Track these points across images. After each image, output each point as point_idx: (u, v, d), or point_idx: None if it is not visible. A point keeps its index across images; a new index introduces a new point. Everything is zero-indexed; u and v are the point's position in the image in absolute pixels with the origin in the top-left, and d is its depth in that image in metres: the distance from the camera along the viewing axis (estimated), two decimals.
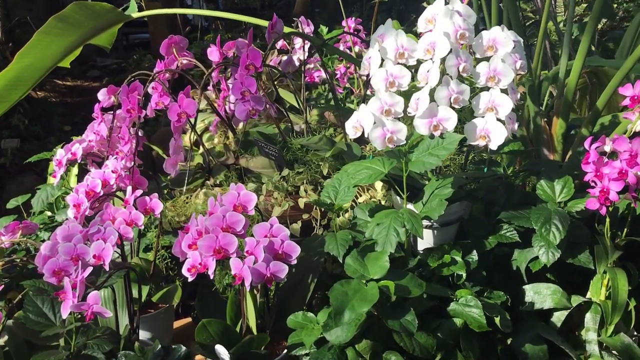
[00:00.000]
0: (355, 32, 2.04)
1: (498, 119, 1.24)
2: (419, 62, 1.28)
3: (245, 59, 1.43)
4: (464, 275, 1.26)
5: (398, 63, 1.29)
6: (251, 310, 1.29)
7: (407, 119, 1.29)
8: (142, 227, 1.50)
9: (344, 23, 2.25)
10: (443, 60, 1.24)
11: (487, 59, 1.28)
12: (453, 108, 1.23)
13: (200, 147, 1.79)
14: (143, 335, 1.66)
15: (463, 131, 1.25)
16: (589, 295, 1.37)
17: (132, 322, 1.44)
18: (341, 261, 1.21)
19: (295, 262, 1.20)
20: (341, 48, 2.24)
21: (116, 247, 1.29)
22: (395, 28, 2.29)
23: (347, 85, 2.25)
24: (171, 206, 1.58)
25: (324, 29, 2.52)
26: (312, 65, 2.22)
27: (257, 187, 1.48)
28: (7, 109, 1.96)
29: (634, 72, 1.86)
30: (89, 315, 1.17)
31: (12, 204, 1.98)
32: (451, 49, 1.24)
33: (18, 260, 1.63)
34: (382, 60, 1.29)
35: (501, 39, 1.28)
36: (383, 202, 1.46)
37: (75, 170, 2.15)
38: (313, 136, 1.64)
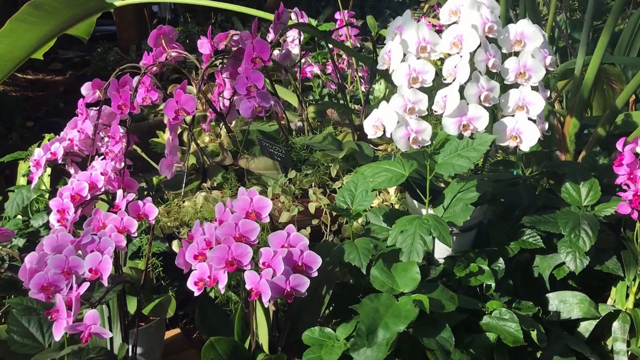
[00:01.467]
0: (351, 25, 1.94)
1: (529, 119, 1.16)
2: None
3: (251, 51, 1.31)
4: (493, 285, 1.18)
5: (420, 57, 1.20)
6: (263, 326, 1.18)
7: (430, 118, 1.20)
8: (136, 234, 1.37)
9: (337, 16, 2.15)
10: (472, 55, 1.16)
11: (508, 55, 1.21)
12: (483, 106, 1.14)
13: (191, 146, 1.67)
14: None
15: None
16: (610, 302, 1.31)
17: (126, 338, 1.31)
18: (364, 272, 1.12)
19: (316, 274, 1.10)
20: None
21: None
22: (371, 24, 2.21)
23: (340, 81, 2.15)
24: (164, 211, 1.46)
25: (313, 21, 2.41)
26: (303, 60, 2.11)
27: (262, 191, 1.37)
28: None
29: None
30: (86, 337, 1.04)
31: None
32: (480, 43, 1.16)
33: None
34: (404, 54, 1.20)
35: (530, 33, 1.20)
36: (397, 206, 1.37)
37: (48, 170, 1.99)
38: (316, 135, 1.54)
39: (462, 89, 1.14)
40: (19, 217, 1.83)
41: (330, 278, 1.23)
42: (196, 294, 1.13)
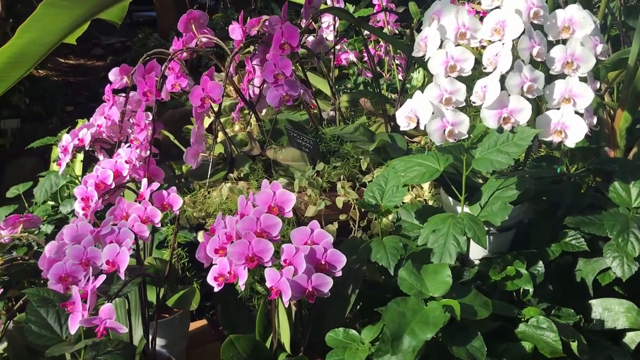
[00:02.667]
0: (388, 11, 1.86)
1: (576, 112, 1.07)
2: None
3: (279, 36, 1.25)
4: (531, 290, 1.10)
5: (458, 44, 1.12)
6: (285, 325, 1.13)
7: (469, 109, 1.12)
8: (159, 225, 1.34)
9: (375, 1, 2.07)
10: (515, 42, 1.07)
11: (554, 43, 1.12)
12: (525, 98, 1.06)
13: (218, 134, 1.63)
14: (157, 342, 1.50)
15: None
16: None
17: (147, 331, 1.28)
18: (392, 273, 1.05)
19: (340, 274, 1.04)
20: None
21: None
22: (413, 11, 2.11)
23: (377, 68, 2.07)
24: (190, 201, 1.42)
25: (350, 7, 2.34)
26: (338, 47, 2.04)
27: (288, 183, 1.32)
28: (8, 88, 1.79)
29: None
30: (101, 331, 1.01)
31: (12, 192, 1.81)
32: (524, 30, 1.07)
33: (19, 259, 1.47)
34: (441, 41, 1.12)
35: (579, 19, 1.11)
36: (430, 203, 1.30)
37: (80, 156, 1.98)
38: (347, 125, 1.47)
39: (503, 78, 1.06)
40: (50, 203, 1.83)
41: (357, 277, 1.17)
42: (216, 289, 1.08)
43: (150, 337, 1.28)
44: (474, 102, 1.08)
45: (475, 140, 1.10)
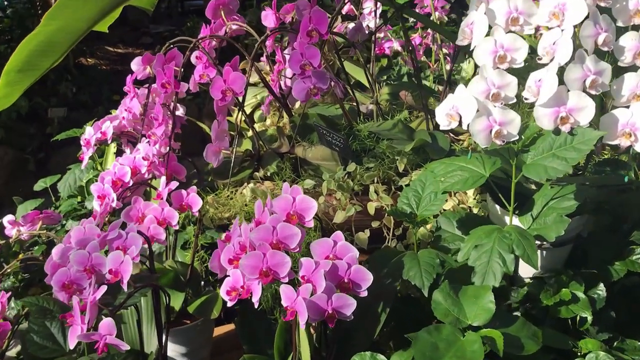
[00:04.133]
0: None
1: None
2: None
3: (307, 23, 1.13)
4: (590, 317, 0.94)
5: (510, 31, 0.97)
6: (305, 345, 1.01)
7: (523, 106, 0.97)
8: (177, 227, 1.24)
9: None
10: (576, 28, 0.91)
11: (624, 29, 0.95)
12: (588, 94, 0.90)
13: (241, 129, 1.52)
14: (176, 349, 1.41)
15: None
16: None
17: (161, 341, 1.18)
18: (425, 294, 0.92)
19: (365, 294, 0.91)
20: None
21: (143, 253, 1.03)
22: None
23: (423, 58, 1.92)
24: (213, 201, 1.31)
25: None
26: (382, 35, 1.89)
27: (316, 184, 1.19)
28: (38, 78, 1.72)
29: None
30: (101, 348, 0.92)
31: (40, 185, 1.76)
32: (588, 14, 0.91)
33: (40, 257, 1.41)
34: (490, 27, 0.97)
35: None
36: (475, 210, 1.15)
37: (113, 148, 1.92)
38: (385, 121, 1.34)
39: (562, 71, 0.90)
40: (78, 198, 1.77)
41: (388, 293, 1.04)
42: (229, 304, 0.98)
43: (162, 347, 1.18)
44: (526, 99, 0.93)
45: (527, 142, 0.95)
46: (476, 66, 1.93)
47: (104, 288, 0.94)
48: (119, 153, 1.82)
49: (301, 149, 1.30)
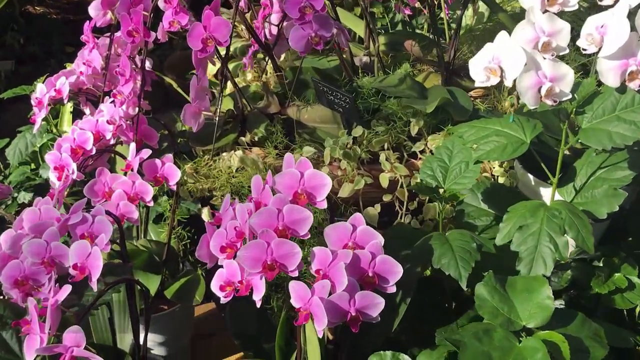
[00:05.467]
0: None
1: None
2: None
3: None
4: None
5: None
6: (314, 346, 0.85)
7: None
8: (152, 203, 1.06)
9: None
10: None
11: None
12: None
13: (226, 86, 1.32)
14: (153, 338, 1.25)
15: None
16: None
17: (138, 332, 1.01)
18: (463, 287, 0.76)
19: (393, 289, 0.75)
20: None
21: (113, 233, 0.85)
22: None
23: (417, 4, 1.72)
24: (191, 170, 1.13)
25: None
26: None
27: (316, 152, 1.02)
28: None
29: None
30: None
31: None
32: None
33: None
34: None
35: None
36: (501, 180, 1.00)
37: (69, 107, 1.69)
38: (389, 75, 1.16)
39: (632, 16, 0.74)
40: (31, 165, 1.54)
41: (408, 280, 0.87)
42: (223, 301, 0.81)
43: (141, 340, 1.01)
44: (584, 49, 0.77)
45: (581, 102, 0.79)
46: (474, 14, 1.75)
47: (67, 289, 0.76)
48: (77, 114, 1.60)
49: (294, 110, 1.12)
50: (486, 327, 0.69)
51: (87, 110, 1.34)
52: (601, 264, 0.85)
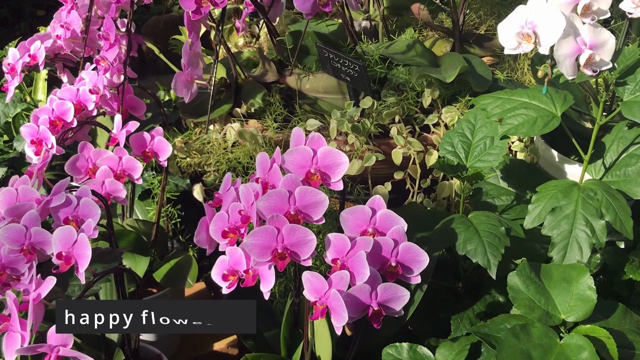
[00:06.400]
0: None
1: None
2: None
3: None
4: None
5: None
6: (326, 338, 0.78)
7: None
8: (140, 180, 0.97)
9: None
10: None
11: None
12: None
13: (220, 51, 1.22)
14: None
15: None
16: None
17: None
18: (492, 276, 0.70)
19: (418, 279, 0.68)
20: None
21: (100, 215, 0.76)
22: None
23: None
24: (182, 144, 1.04)
25: None
26: None
27: (321, 127, 0.93)
28: None
29: None
30: None
31: None
32: None
33: None
34: None
35: None
36: (520, 156, 0.93)
37: (44, 73, 1.57)
38: (394, 41, 1.07)
39: None
40: (4, 137, 1.43)
41: (426, 268, 0.81)
42: (225, 292, 0.73)
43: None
44: (629, 13, 0.69)
45: (622, 72, 0.72)
46: None
47: (52, 281, 0.67)
48: (52, 82, 1.49)
49: (295, 79, 1.03)
50: (522, 323, 0.62)
51: (64, 78, 1.24)
52: (636, 249, 0.79)
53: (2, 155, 1.34)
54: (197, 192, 1.08)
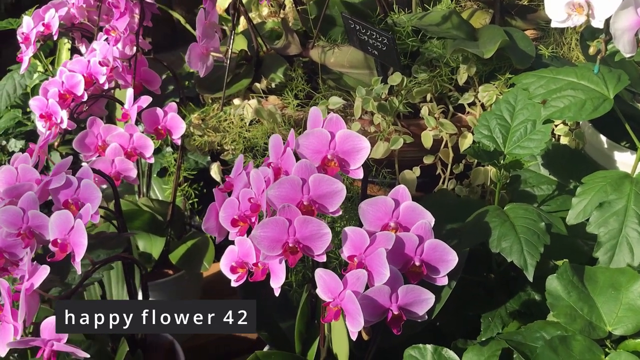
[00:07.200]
0: None
1: None
2: None
3: None
4: None
5: None
6: (344, 335, 0.72)
7: None
8: (152, 160, 0.92)
9: None
10: None
11: None
12: None
13: (240, 21, 1.15)
14: None
15: None
16: None
17: None
18: (529, 277, 0.62)
19: (444, 280, 0.61)
20: None
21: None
22: None
23: None
24: (198, 121, 0.98)
25: None
26: None
27: (345, 104, 0.86)
28: None
29: None
30: (48, 356, 0.62)
31: None
32: None
33: None
34: None
35: None
36: (565, 141, 0.84)
37: (68, 43, 1.52)
38: (429, 12, 0.98)
39: None
40: (22, 110, 1.40)
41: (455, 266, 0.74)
42: (234, 284, 0.67)
43: None
44: None
45: None
46: None
47: (45, 270, 0.63)
48: (76, 52, 1.45)
49: (319, 51, 0.95)
50: (563, 335, 0.55)
51: (82, 49, 1.19)
52: None
53: (19, 128, 1.31)
54: (215, 171, 1.02)
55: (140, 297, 0.84)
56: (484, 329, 0.77)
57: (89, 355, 0.62)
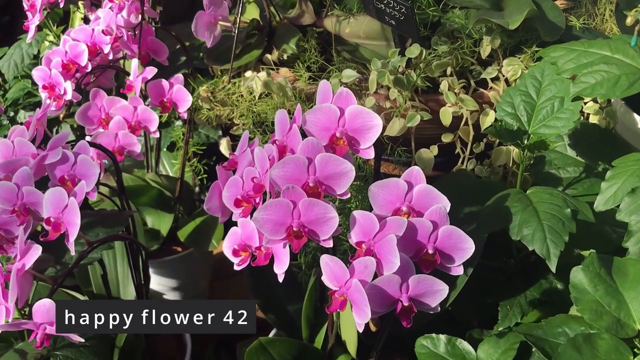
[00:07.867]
0: None
1: None
2: None
3: None
4: None
5: None
6: (351, 325, 0.68)
7: None
8: (157, 134, 0.88)
9: None
10: None
11: None
12: None
13: None
14: (165, 283, 1.11)
15: None
16: None
17: (140, 287, 0.85)
18: (552, 268, 0.58)
19: (459, 270, 0.57)
20: None
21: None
22: None
23: None
24: (206, 94, 0.93)
25: None
26: None
27: (359, 78, 0.81)
28: None
29: None
30: (40, 341, 0.59)
31: None
32: None
33: None
34: None
35: None
36: (594, 120, 0.78)
37: (80, 12, 1.49)
38: None
39: None
40: (28, 81, 1.36)
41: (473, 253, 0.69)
42: (237, 268, 0.64)
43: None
44: None
45: None
46: None
47: (37, 250, 0.60)
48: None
49: (333, 21, 0.90)
50: (588, 334, 0.50)
51: (91, 16, 1.15)
52: None
53: (28, 99, 1.28)
54: (224, 146, 0.98)
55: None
56: (501, 318, 0.72)
57: (83, 340, 0.60)
